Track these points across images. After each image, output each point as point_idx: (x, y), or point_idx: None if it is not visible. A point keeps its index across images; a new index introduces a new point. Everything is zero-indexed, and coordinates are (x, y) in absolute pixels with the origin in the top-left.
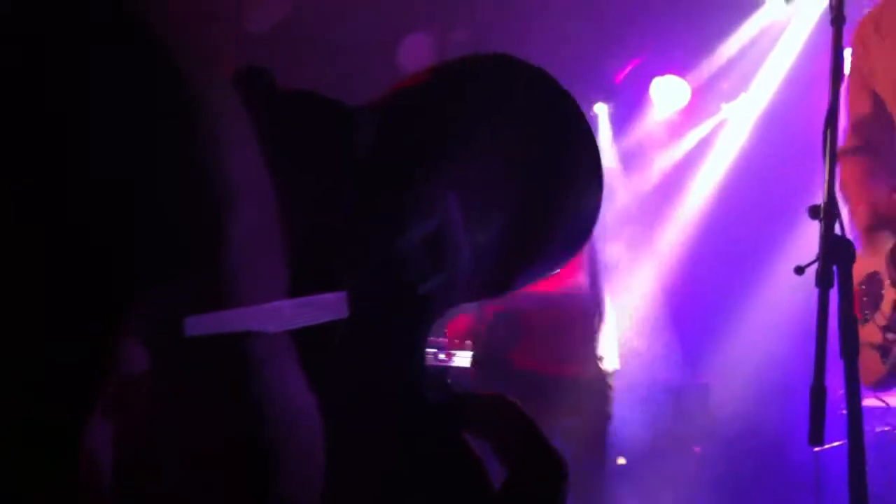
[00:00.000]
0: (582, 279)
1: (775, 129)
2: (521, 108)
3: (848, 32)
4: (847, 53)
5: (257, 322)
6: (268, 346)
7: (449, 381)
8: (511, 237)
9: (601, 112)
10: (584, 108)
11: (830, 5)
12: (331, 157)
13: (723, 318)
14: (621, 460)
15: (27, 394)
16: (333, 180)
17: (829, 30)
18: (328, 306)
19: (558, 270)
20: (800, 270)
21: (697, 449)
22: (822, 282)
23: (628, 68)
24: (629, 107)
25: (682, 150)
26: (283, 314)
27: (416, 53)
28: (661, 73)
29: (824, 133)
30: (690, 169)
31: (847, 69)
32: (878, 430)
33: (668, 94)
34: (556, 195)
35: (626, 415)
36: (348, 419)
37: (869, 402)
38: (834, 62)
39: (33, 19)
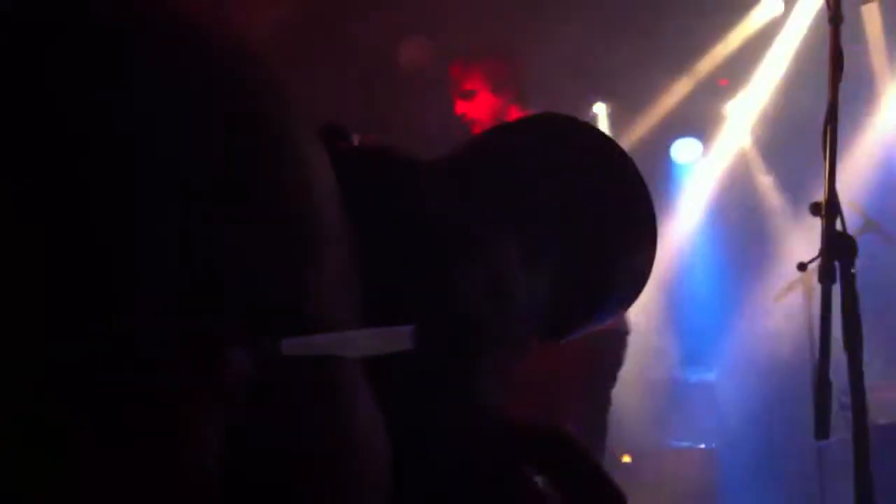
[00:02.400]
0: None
1: (775, 125)
2: (583, 165)
3: (844, 31)
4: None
5: (341, 347)
6: (348, 373)
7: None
8: (567, 288)
9: (600, 111)
10: (583, 109)
11: (828, 4)
12: (401, 213)
13: (727, 314)
14: (626, 458)
15: (27, 393)
16: (404, 233)
17: (824, 28)
18: (396, 339)
19: (611, 321)
20: (802, 267)
21: (703, 446)
22: (825, 278)
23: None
24: (629, 106)
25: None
26: (359, 342)
27: (415, 56)
28: (659, 71)
29: (824, 130)
30: (692, 164)
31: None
32: (879, 422)
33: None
34: (612, 250)
35: (630, 412)
36: (410, 449)
37: (874, 394)
38: (833, 60)
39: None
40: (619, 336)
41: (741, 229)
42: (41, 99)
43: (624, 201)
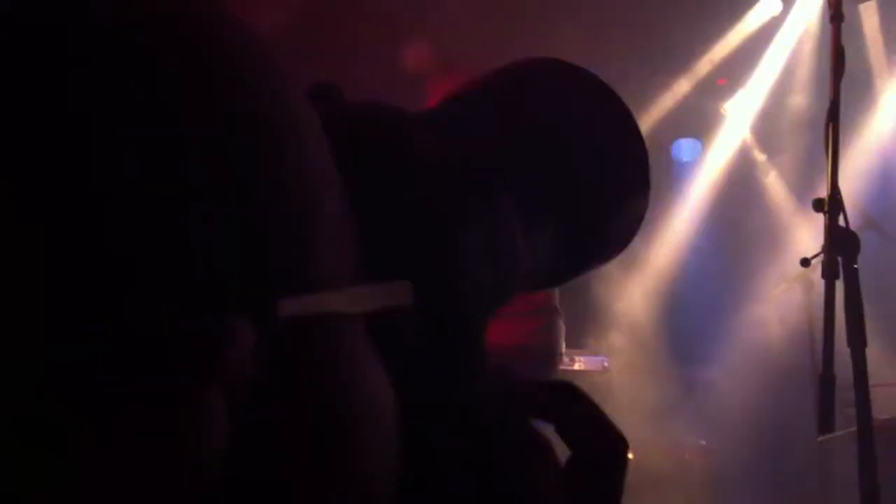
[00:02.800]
0: (538, 325)
1: (773, 123)
2: (577, 112)
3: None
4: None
5: (341, 304)
6: (352, 343)
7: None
8: (566, 234)
9: None
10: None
11: (829, 2)
12: (393, 164)
13: (727, 311)
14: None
15: (27, 393)
16: (396, 185)
17: (822, 27)
18: (395, 293)
19: (610, 261)
20: (805, 262)
21: (703, 442)
22: (828, 273)
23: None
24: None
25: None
26: (359, 298)
27: (419, 57)
28: (656, 74)
29: (826, 128)
30: (692, 163)
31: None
32: (879, 417)
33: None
34: (609, 197)
35: (630, 409)
36: (419, 407)
37: (874, 389)
38: (834, 59)
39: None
40: (552, 357)
41: (740, 227)
42: (49, 100)
43: (617, 144)
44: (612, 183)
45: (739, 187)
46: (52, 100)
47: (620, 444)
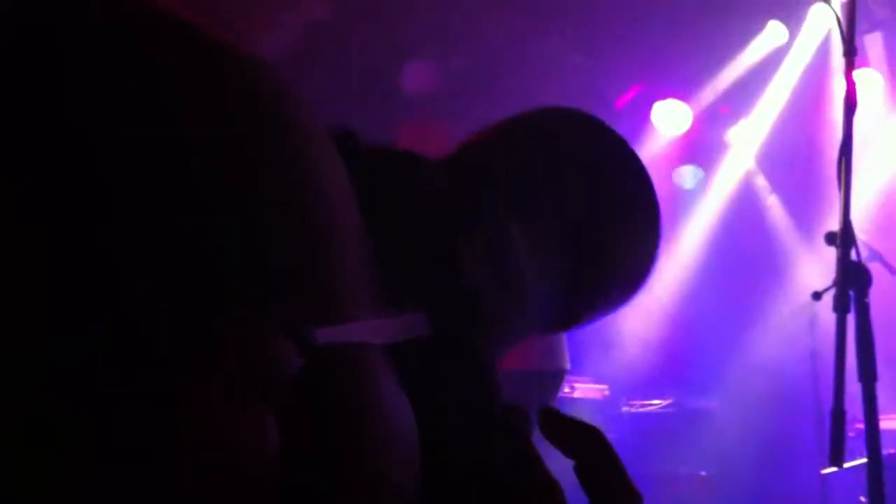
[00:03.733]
0: (544, 346)
1: (777, 153)
2: (586, 158)
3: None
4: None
5: (367, 334)
6: (374, 361)
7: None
8: (577, 274)
9: None
10: None
11: (842, 38)
12: (407, 202)
13: (729, 341)
14: None
15: (27, 393)
16: (409, 219)
17: (826, 56)
18: (413, 324)
19: (621, 308)
20: (817, 296)
21: (703, 473)
22: (840, 307)
23: (630, 94)
24: (631, 132)
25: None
26: (381, 329)
27: (419, 78)
28: (663, 98)
29: (839, 161)
30: (695, 191)
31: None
32: (886, 452)
33: (669, 118)
34: (619, 238)
35: (629, 438)
36: (433, 430)
37: (884, 424)
38: (848, 92)
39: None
40: (557, 374)
41: (744, 257)
42: (56, 101)
43: (626, 187)
44: (623, 225)
45: (743, 217)
46: (59, 101)
47: (637, 500)
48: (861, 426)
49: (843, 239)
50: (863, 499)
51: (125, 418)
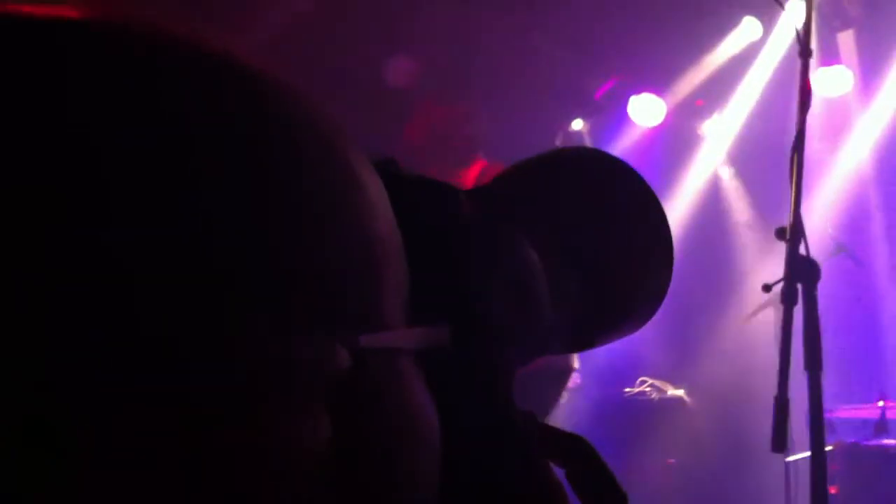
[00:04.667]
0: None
1: (750, 147)
2: (608, 197)
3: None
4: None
5: (401, 341)
6: (406, 366)
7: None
8: (590, 305)
9: (579, 128)
10: (562, 124)
11: (798, 39)
12: (437, 229)
13: (698, 332)
14: None
15: (28, 393)
16: (437, 244)
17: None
18: (439, 336)
19: (633, 331)
20: (767, 288)
21: (672, 461)
22: (787, 299)
23: (607, 86)
24: (608, 123)
25: (660, 166)
26: (413, 337)
27: (401, 73)
28: (639, 92)
29: (791, 157)
30: (670, 182)
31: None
32: (847, 441)
33: (644, 111)
34: (632, 275)
35: (600, 428)
36: (450, 432)
37: (838, 413)
38: (802, 90)
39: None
40: (567, 374)
41: (713, 248)
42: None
43: (645, 225)
44: (638, 260)
45: (714, 208)
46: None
47: (623, 499)
48: (832, 415)
49: (793, 234)
50: (832, 488)
51: (126, 419)
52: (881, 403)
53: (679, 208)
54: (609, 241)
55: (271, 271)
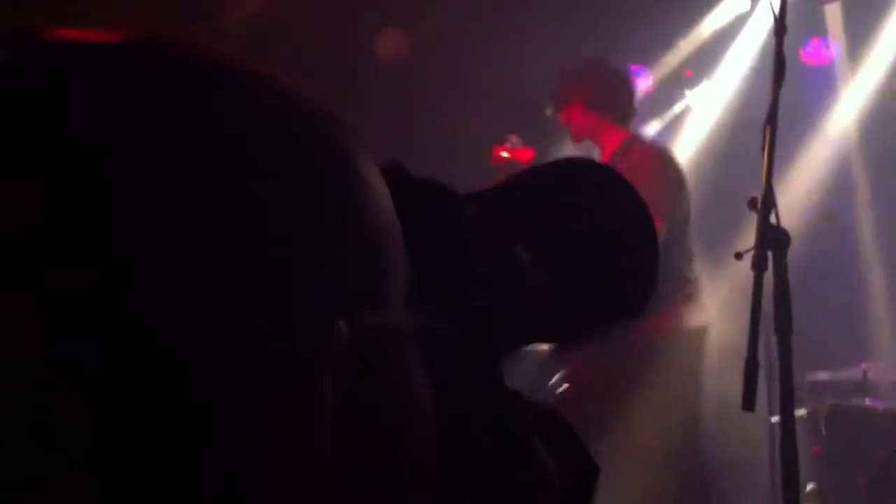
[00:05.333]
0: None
1: (737, 116)
2: (601, 204)
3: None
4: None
5: (404, 323)
6: (408, 347)
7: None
8: (582, 303)
9: None
10: (552, 94)
11: (774, 17)
12: (439, 229)
13: None
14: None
15: (28, 393)
16: (440, 243)
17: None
18: (437, 323)
19: (617, 331)
20: (738, 256)
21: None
22: (757, 266)
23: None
24: None
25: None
26: (415, 322)
27: (391, 47)
28: (628, 63)
29: (764, 129)
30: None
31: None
32: (828, 402)
33: None
34: (621, 278)
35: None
36: (450, 415)
37: (822, 375)
38: (776, 66)
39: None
40: (686, 333)
41: (702, 216)
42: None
43: (632, 228)
44: (628, 264)
45: (700, 179)
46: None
47: (595, 470)
48: (823, 377)
49: (764, 203)
50: (815, 448)
51: (127, 419)
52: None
53: None
54: (601, 248)
55: (275, 259)
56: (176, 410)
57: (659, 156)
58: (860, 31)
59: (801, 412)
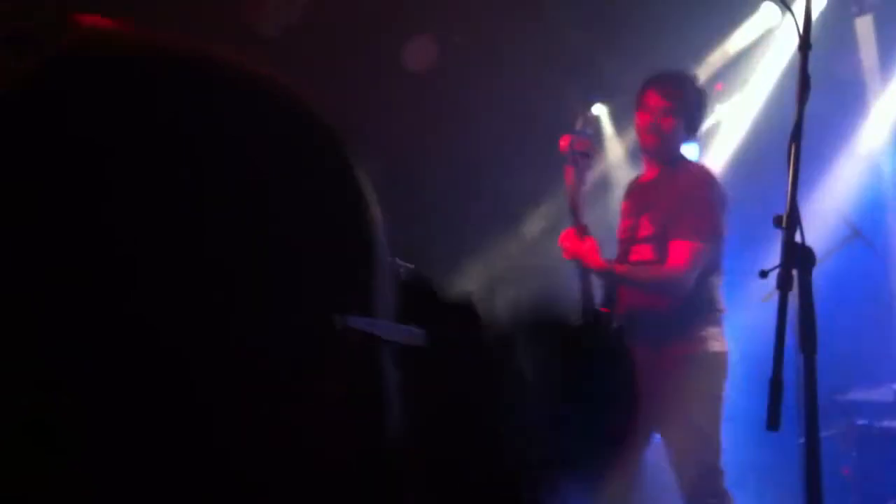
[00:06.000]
0: (688, 279)
1: (767, 131)
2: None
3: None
4: None
5: (386, 331)
6: (384, 351)
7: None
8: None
9: (601, 112)
10: (581, 109)
11: (798, 34)
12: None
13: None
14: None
15: (29, 394)
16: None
17: (816, 40)
18: (416, 335)
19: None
20: (763, 274)
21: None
22: (783, 285)
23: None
24: (628, 106)
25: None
26: (395, 331)
27: (420, 55)
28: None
29: (789, 147)
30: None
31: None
32: (858, 423)
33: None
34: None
35: None
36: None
37: (852, 395)
38: (801, 83)
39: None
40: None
41: (733, 231)
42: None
43: (616, 372)
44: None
45: (736, 190)
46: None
47: (479, 317)
48: (853, 397)
49: (789, 221)
50: (845, 470)
51: (127, 419)
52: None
53: None
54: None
55: (275, 260)
56: (176, 410)
57: (711, 175)
58: (892, 44)
59: (830, 432)
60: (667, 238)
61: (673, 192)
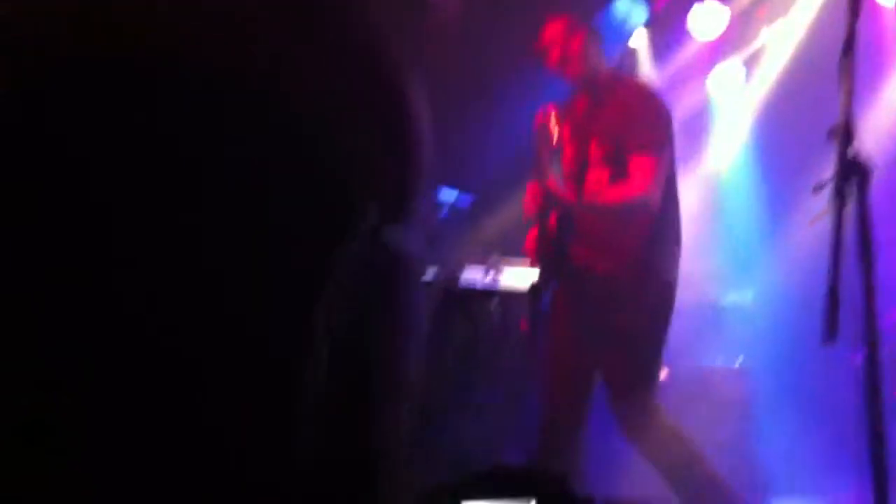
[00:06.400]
0: (653, 192)
1: (812, 54)
2: None
3: None
4: None
5: (418, 249)
6: (418, 267)
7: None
8: None
9: (641, 38)
10: (623, 40)
11: None
12: None
13: (764, 239)
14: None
15: (29, 394)
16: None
17: None
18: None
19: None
20: (818, 188)
21: (737, 365)
22: (838, 197)
23: None
24: (668, 34)
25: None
26: (427, 250)
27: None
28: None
29: (841, 60)
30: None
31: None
32: None
33: (707, 19)
34: None
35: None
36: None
37: None
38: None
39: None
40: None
41: (781, 153)
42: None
43: None
44: None
45: (779, 116)
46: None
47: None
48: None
49: (843, 135)
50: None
51: (126, 418)
52: None
53: (744, 117)
54: None
55: (274, 260)
56: (176, 410)
57: (650, 87)
58: None
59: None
60: (623, 153)
61: (617, 107)
